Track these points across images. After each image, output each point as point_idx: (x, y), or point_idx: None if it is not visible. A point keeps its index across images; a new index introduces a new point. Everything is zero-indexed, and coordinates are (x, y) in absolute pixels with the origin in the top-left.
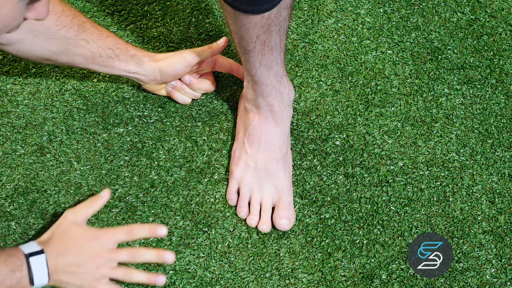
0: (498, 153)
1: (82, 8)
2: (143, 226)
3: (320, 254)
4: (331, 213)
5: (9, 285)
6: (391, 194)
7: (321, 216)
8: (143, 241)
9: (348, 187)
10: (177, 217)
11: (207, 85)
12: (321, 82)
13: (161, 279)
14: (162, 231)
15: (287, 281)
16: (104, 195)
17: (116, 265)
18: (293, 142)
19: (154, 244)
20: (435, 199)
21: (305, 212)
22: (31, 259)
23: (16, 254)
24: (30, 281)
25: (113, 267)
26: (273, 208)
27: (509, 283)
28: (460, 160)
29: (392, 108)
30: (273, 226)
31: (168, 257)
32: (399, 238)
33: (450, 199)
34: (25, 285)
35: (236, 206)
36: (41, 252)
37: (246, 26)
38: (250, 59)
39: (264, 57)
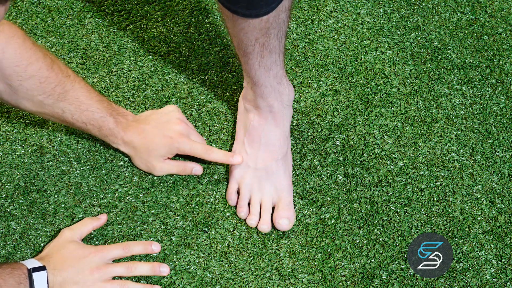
0: (498, 153)
1: (82, 8)
2: (138, 243)
3: (320, 254)
4: (331, 213)
5: None
6: (391, 194)
7: (321, 216)
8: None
9: (348, 187)
10: (177, 217)
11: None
12: (321, 82)
13: (164, 269)
14: (156, 248)
15: (287, 281)
16: (102, 218)
17: (111, 278)
18: (293, 142)
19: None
20: (435, 199)
21: (305, 212)
22: (34, 274)
23: (21, 268)
24: None
25: (109, 280)
26: (273, 208)
27: (509, 283)
28: (460, 160)
29: (392, 108)
30: (273, 226)
31: (163, 269)
32: (399, 238)
33: (450, 199)
34: None
35: (236, 206)
36: (43, 268)
37: (245, 29)
38: (249, 61)
39: (263, 59)
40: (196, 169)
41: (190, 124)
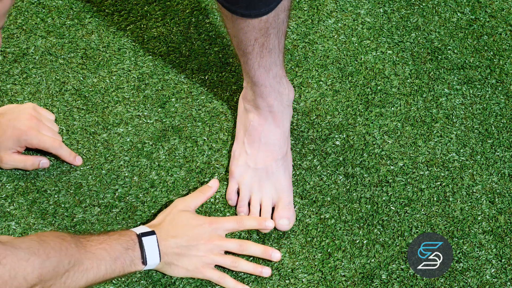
0: (498, 153)
1: (82, 8)
2: (252, 218)
3: (320, 254)
4: (331, 213)
5: (122, 263)
6: (391, 194)
7: (321, 216)
8: None
9: (348, 187)
10: None
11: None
12: (321, 82)
13: (266, 271)
14: (269, 224)
15: (287, 281)
16: (213, 185)
17: (223, 253)
18: (293, 142)
19: None
20: (435, 199)
21: (305, 212)
22: (144, 238)
23: (128, 234)
24: (143, 261)
25: (221, 254)
26: (273, 208)
27: (509, 283)
28: (460, 160)
29: (392, 108)
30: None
31: (275, 254)
32: (399, 238)
33: (450, 199)
34: (138, 265)
35: (236, 206)
36: (152, 233)
37: (244, 29)
38: (248, 61)
39: (263, 59)
40: (43, 162)
41: (46, 121)
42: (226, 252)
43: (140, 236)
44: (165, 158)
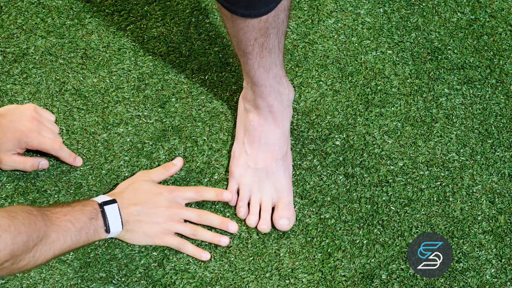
0: (498, 153)
1: (82, 8)
2: (210, 189)
3: (320, 254)
4: (331, 213)
5: (86, 233)
6: (391, 194)
7: (321, 216)
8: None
9: (348, 187)
10: None
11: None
12: (321, 82)
13: (224, 240)
14: (226, 196)
15: (287, 281)
16: (177, 163)
17: (183, 221)
18: (293, 142)
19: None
20: (435, 199)
21: (305, 212)
22: (106, 207)
23: (90, 204)
24: (106, 229)
25: (180, 221)
26: (273, 208)
27: (509, 283)
28: (460, 160)
29: (392, 108)
30: (273, 226)
31: (232, 226)
32: (399, 238)
33: (450, 199)
34: (102, 233)
35: (235, 206)
36: (114, 201)
37: (244, 29)
38: (248, 61)
39: (263, 59)
40: (43, 163)
41: (47, 122)
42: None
43: (102, 205)
44: (165, 158)
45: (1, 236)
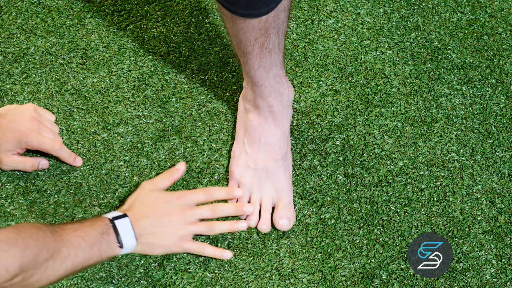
0: (498, 153)
1: (82, 8)
2: (220, 189)
3: (320, 254)
4: (331, 213)
5: (98, 249)
6: (391, 194)
7: (321, 216)
8: None
9: (348, 187)
10: None
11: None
12: (321, 82)
13: (242, 224)
14: (238, 193)
15: (287, 281)
16: (180, 168)
17: (197, 221)
18: (293, 142)
19: None
20: (435, 199)
21: (305, 212)
22: (116, 222)
23: (101, 219)
24: (120, 244)
25: (195, 222)
26: (273, 208)
27: (509, 283)
28: (460, 160)
29: (392, 108)
30: (273, 226)
31: (247, 208)
32: (399, 238)
33: (450, 199)
34: (115, 249)
35: None
36: (124, 215)
37: (244, 29)
38: (248, 61)
39: (263, 59)
40: (43, 163)
41: (47, 123)
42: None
43: (112, 220)
44: (165, 158)
45: (9, 250)
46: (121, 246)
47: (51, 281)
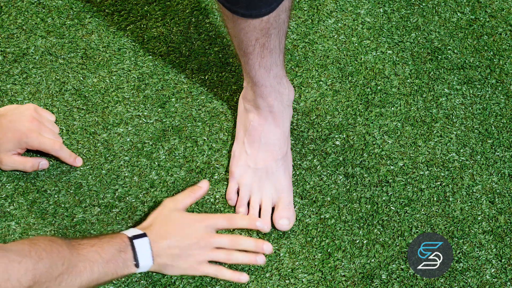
0: (498, 153)
1: (82, 8)
2: (243, 217)
3: (320, 254)
4: (331, 213)
5: (115, 266)
6: (391, 194)
7: (321, 216)
8: None
9: (348, 187)
10: None
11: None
12: (321, 82)
13: (261, 259)
14: (260, 224)
15: (287, 281)
16: (203, 186)
17: (215, 248)
18: (293, 142)
19: None
20: (435, 199)
21: (305, 212)
22: (135, 241)
23: (119, 237)
24: (136, 263)
25: (214, 249)
26: (273, 208)
27: (509, 283)
28: (460, 160)
29: (392, 108)
30: (273, 226)
31: (267, 246)
32: (399, 238)
33: (450, 199)
34: (131, 267)
35: (235, 206)
36: (144, 235)
37: (245, 29)
38: (249, 61)
39: (264, 59)
40: (43, 163)
41: (47, 123)
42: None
43: (131, 239)
44: (165, 158)
45: (21, 261)
46: (137, 265)
47: None
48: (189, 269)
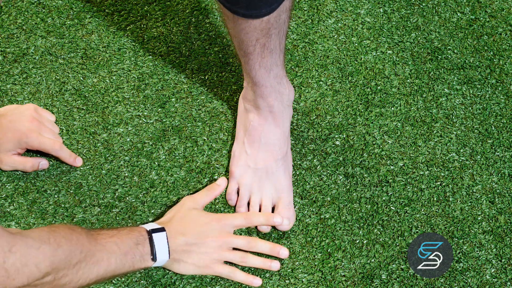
0: (498, 153)
1: (82, 8)
2: (260, 214)
3: (320, 254)
4: (331, 213)
5: (132, 258)
6: (391, 194)
7: (321, 216)
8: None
9: (348, 187)
10: None
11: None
12: (321, 82)
13: (275, 265)
14: (277, 220)
15: (287, 281)
16: (222, 183)
17: (232, 249)
18: (293, 142)
19: None
20: (435, 199)
21: (305, 212)
22: (154, 235)
23: (138, 230)
24: (153, 257)
25: (230, 250)
26: (273, 208)
27: (509, 283)
28: (460, 160)
29: (392, 108)
30: (273, 226)
31: (283, 251)
32: (399, 238)
33: (450, 199)
34: (148, 261)
35: (235, 206)
36: (162, 229)
37: (246, 30)
38: (249, 61)
39: (264, 59)
40: (43, 163)
41: (47, 123)
42: (235, 248)
43: (150, 232)
44: (165, 158)
45: (40, 247)
46: (154, 259)
47: (81, 284)
48: (203, 267)
